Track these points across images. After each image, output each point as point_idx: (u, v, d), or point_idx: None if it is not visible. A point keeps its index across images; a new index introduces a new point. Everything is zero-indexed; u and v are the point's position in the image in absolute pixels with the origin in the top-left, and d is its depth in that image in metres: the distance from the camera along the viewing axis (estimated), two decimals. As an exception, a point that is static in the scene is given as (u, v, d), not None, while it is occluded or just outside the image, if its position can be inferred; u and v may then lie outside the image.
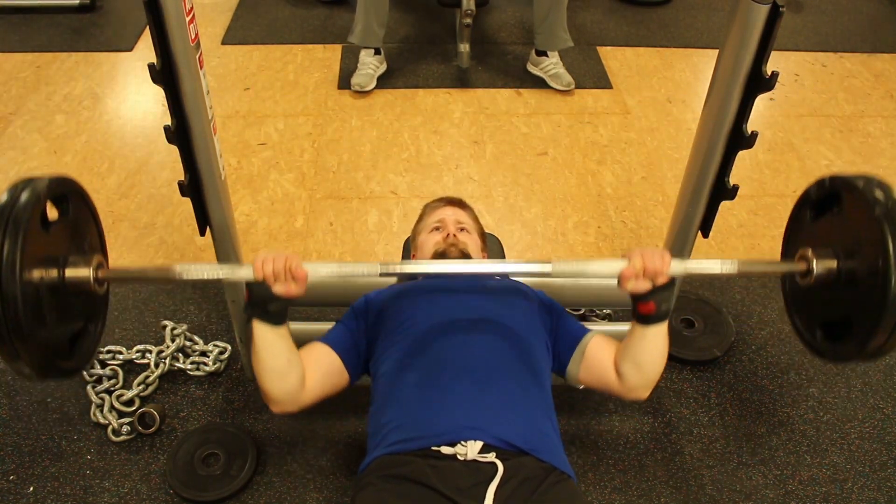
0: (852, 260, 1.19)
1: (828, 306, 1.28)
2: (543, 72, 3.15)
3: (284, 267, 1.18)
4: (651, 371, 1.32)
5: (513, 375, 1.27)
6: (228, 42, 3.38)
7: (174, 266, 1.24)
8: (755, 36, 1.26)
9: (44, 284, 1.07)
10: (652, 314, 1.25)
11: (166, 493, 1.65)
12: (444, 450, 1.14)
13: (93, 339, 1.26)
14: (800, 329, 1.37)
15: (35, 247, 1.05)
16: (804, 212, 1.36)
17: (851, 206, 1.21)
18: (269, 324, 1.23)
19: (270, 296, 1.20)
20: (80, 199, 1.22)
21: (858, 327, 1.18)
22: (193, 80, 1.27)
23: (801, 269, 1.26)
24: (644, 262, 1.21)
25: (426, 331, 1.32)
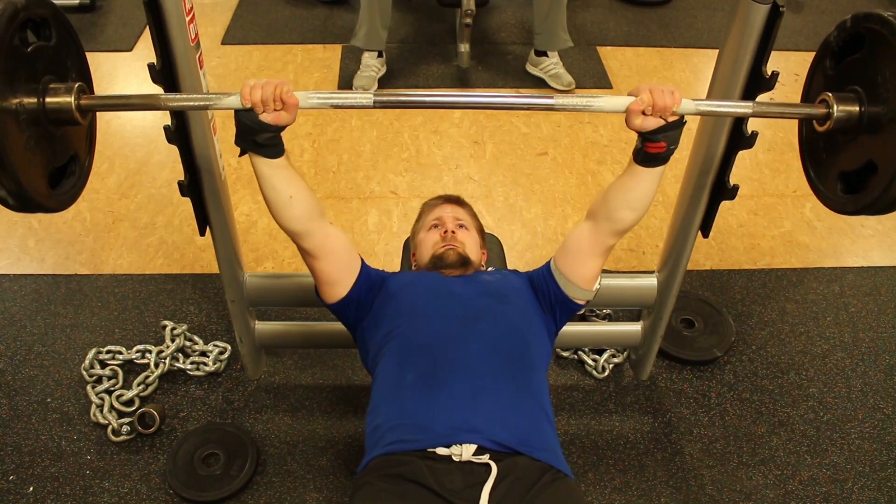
0: (876, 103, 1.12)
1: (847, 154, 1.20)
2: (543, 72, 3.15)
3: (274, 93, 1.11)
4: (645, 208, 1.29)
5: (509, 375, 1.26)
6: (228, 42, 3.38)
7: (158, 94, 1.19)
8: (755, 36, 1.26)
9: (23, 109, 1.01)
10: (660, 153, 1.20)
11: (166, 493, 1.65)
12: (439, 451, 1.15)
13: (78, 178, 1.19)
14: (815, 182, 1.30)
15: (13, 67, 0.99)
16: (824, 61, 1.26)
17: (875, 45, 1.13)
18: (263, 156, 1.20)
19: (259, 124, 1.14)
20: (62, 26, 1.14)
21: (881, 172, 1.11)
22: (193, 80, 1.27)
23: (820, 113, 1.18)
24: (653, 97, 1.13)
25: (424, 330, 1.31)
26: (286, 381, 1.93)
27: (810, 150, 1.32)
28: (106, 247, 2.31)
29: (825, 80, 1.26)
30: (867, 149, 1.15)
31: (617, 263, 2.33)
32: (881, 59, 1.11)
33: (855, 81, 1.17)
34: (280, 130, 1.18)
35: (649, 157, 1.21)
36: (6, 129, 0.96)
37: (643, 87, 1.16)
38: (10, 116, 0.98)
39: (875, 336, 2.12)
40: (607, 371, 1.97)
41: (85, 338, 2.00)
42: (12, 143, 0.98)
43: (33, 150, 1.04)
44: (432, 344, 1.28)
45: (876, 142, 1.13)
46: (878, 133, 1.12)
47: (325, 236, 1.31)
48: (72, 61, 1.17)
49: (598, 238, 1.34)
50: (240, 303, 1.70)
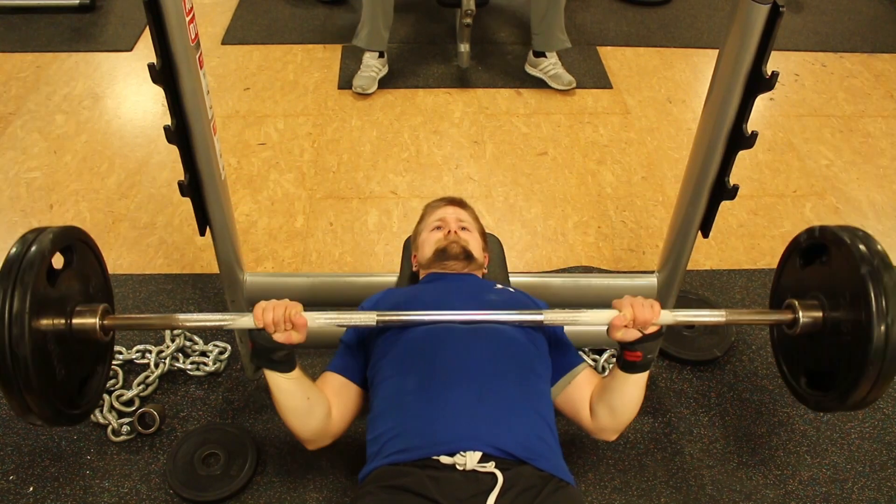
0: (837, 312, 1.24)
1: (814, 355, 1.32)
2: (543, 73, 3.15)
3: (284, 315, 1.20)
4: (623, 417, 1.35)
5: (511, 383, 1.26)
6: (228, 42, 3.38)
7: (177, 315, 1.29)
8: (755, 36, 1.26)
9: (51, 335, 1.10)
10: (638, 362, 1.28)
11: (166, 493, 1.65)
12: (443, 459, 1.14)
13: (99, 383, 1.29)
14: (786, 375, 1.42)
15: (43, 300, 1.08)
16: (793, 258, 1.40)
17: (838, 259, 1.25)
18: (279, 372, 1.25)
19: (273, 344, 1.22)
20: (85, 247, 1.26)
21: (842, 379, 1.22)
22: (193, 80, 1.28)
23: (787, 319, 1.31)
24: (634, 313, 1.23)
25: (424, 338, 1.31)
26: (286, 381, 1.92)
27: (780, 347, 1.45)
28: (106, 247, 2.31)
29: (794, 278, 1.40)
30: (829, 352, 1.26)
31: (617, 263, 2.33)
32: (842, 272, 1.23)
33: (819, 287, 1.30)
34: (293, 348, 1.25)
35: (628, 365, 1.29)
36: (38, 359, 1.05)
37: (625, 301, 1.25)
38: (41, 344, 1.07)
39: (875, 336, 2.12)
40: (607, 371, 1.97)
41: (85, 338, 2.00)
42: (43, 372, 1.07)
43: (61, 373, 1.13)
44: (434, 351, 1.28)
45: (836, 347, 1.24)
46: (838, 338, 1.23)
47: (342, 426, 1.37)
48: (95, 280, 1.28)
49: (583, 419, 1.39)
50: (240, 303, 1.70)
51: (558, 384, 1.40)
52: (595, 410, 1.36)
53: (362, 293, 1.57)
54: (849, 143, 2.90)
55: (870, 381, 1.16)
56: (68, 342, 1.16)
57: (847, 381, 1.20)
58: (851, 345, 1.19)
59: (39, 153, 2.67)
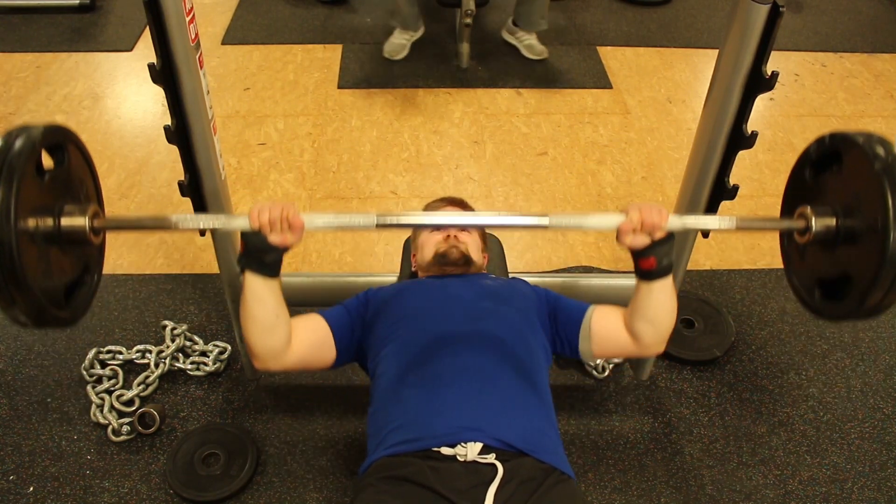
0: (851, 217, 1.18)
1: (826, 264, 1.26)
2: (518, 41, 3.30)
3: (281, 216, 1.17)
4: (665, 325, 1.32)
5: (511, 375, 1.26)
6: (228, 42, 3.38)
7: (170, 216, 1.23)
8: (755, 36, 1.26)
9: (39, 233, 1.06)
10: (653, 269, 1.24)
11: (166, 493, 1.65)
12: (443, 451, 1.14)
13: (89, 289, 1.24)
14: (797, 288, 1.35)
15: (30, 195, 1.03)
16: (804, 170, 1.33)
17: (851, 163, 1.19)
18: (263, 275, 1.22)
19: (266, 245, 1.18)
20: (76, 149, 1.19)
21: (856, 284, 1.16)
22: (193, 80, 1.28)
23: (799, 227, 1.25)
24: (641, 217, 1.20)
25: (425, 331, 1.31)
26: (286, 381, 1.93)
27: (791, 258, 1.39)
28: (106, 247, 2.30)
29: (804, 190, 1.33)
30: (843, 260, 1.21)
31: (617, 263, 2.33)
32: (856, 178, 1.18)
33: (832, 194, 1.24)
34: (285, 251, 1.22)
35: (644, 273, 1.26)
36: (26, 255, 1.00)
37: (632, 206, 1.21)
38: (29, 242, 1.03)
39: (875, 336, 2.12)
40: (607, 371, 1.97)
41: (85, 338, 2.00)
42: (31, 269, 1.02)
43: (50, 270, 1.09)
44: (434, 343, 1.28)
45: (851, 254, 1.19)
46: (853, 246, 1.18)
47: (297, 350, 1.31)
48: (85, 181, 1.23)
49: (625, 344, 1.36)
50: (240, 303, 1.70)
51: (581, 339, 1.38)
52: (636, 331, 1.33)
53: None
54: (849, 143, 2.90)
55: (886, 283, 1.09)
56: (57, 242, 1.10)
57: (862, 287, 1.14)
58: (867, 248, 1.13)
59: (39, 153, 2.67)
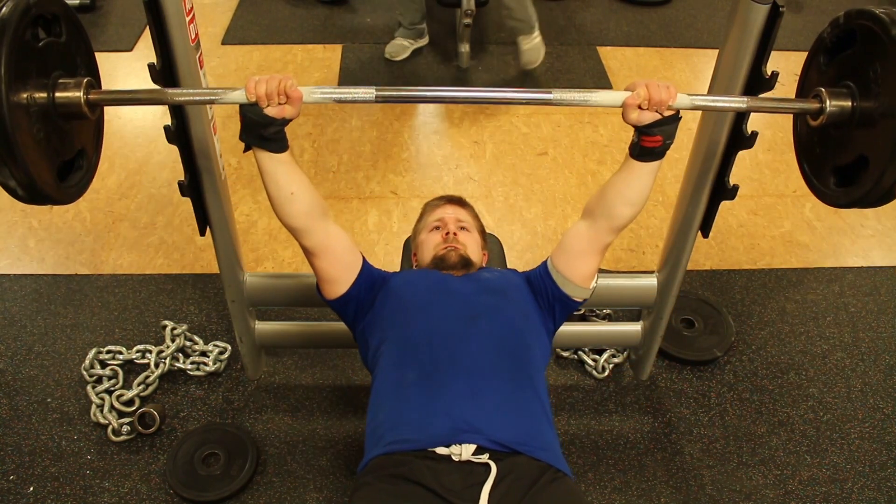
0: (868, 98, 1.14)
1: (840, 148, 1.22)
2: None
3: (278, 87, 1.13)
4: (642, 204, 1.30)
5: (508, 374, 1.27)
6: (228, 42, 3.38)
7: (166, 89, 1.20)
8: (755, 36, 1.26)
9: (33, 103, 1.03)
10: (657, 147, 1.21)
11: (166, 493, 1.65)
12: (439, 450, 1.15)
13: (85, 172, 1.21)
14: (809, 175, 1.32)
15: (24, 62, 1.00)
16: (818, 56, 1.28)
17: (867, 42, 1.15)
18: (268, 150, 1.21)
19: (264, 118, 1.15)
20: (71, 23, 1.15)
21: (873, 166, 1.12)
22: (193, 80, 1.28)
23: (813, 108, 1.20)
24: (649, 92, 1.16)
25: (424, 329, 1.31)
26: (286, 381, 1.93)
27: (804, 144, 1.34)
28: (106, 247, 2.31)
29: (819, 76, 1.27)
30: (859, 143, 1.17)
31: (617, 263, 2.33)
32: (873, 55, 1.13)
33: (848, 77, 1.19)
34: (285, 124, 1.19)
35: (645, 152, 1.23)
36: (17, 122, 0.97)
37: (639, 82, 1.17)
38: (21, 110, 0.99)
39: (875, 336, 2.12)
40: (607, 371, 1.97)
41: (85, 338, 2.00)
42: (23, 137, 0.99)
43: (43, 143, 1.06)
44: (432, 342, 1.29)
45: (868, 136, 1.14)
46: (869, 128, 1.14)
47: (325, 235, 1.31)
48: (81, 58, 1.18)
49: (595, 235, 1.34)
50: (240, 303, 1.70)
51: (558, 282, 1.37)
52: (615, 215, 1.31)
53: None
54: (849, 143, 2.90)
55: None
56: (51, 116, 1.08)
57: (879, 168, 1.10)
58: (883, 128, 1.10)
59: (39, 153, 2.67)
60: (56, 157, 1.11)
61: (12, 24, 0.96)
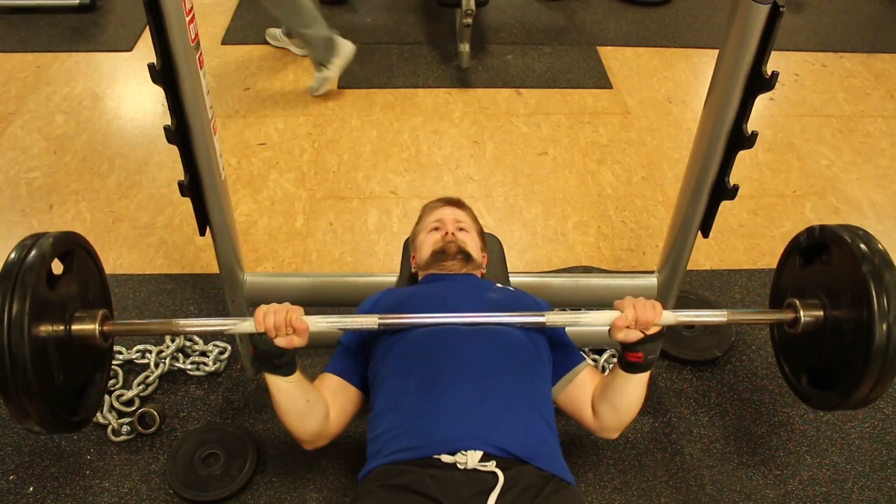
0: (838, 311, 1.24)
1: (815, 354, 1.32)
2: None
3: (285, 320, 1.20)
4: (626, 415, 1.35)
5: (512, 382, 1.26)
6: (228, 42, 3.38)
7: (178, 320, 1.28)
8: (755, 36, 1.26)
9: (51, 341, 1.10)
10: (639, 363, 1.28)
11: (166, 493, 1.65)
12: (444, 458, 1.14)
13: (98, 389, 1.28)
14: (788, 375, 1.42)
15: (42, 305, 1.07)
16: (793, 258, 1.40)
17: (839, 258, 1.25)
18: (279, 375, 1.25)
19: (275, 349, 1.22)
20: (84, 252, 1.25)
21: (843, 378, 1.22)
22: (193, 80, 1.28)
23: (788, 319, 1.31)
24: (636, 314, 1.23)
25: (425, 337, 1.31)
26: (286, 381, 1.92)
27: (781, 346, 1.45)
28: (106, 247, 2.31)
29: (794, 278, 1.39)
30: (832, 351, 1.26)
31: (617, 263, 2.33)
32: (842, 270, 1.23)
33: (819, 286, 1.30)
34: (294, 353, 1.25)
35: (630, 365, 1.29)
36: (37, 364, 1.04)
37: (627, 302, 1.25)
38: (40, 350, 1.06)
39: (875, 336, 2.12)
40: (607, 371, 1.96)
41: (85, 338, 2.00)
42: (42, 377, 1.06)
43: (60, 374, 1.12)
44: (435, 350, 1.28)
45: (839, 345, 1.24)
46: (840, 336, 1.23)
47: (339, 427, 1.37)
48: (94, 286, 1.27)
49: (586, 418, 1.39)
50: (240, 303, 1.70)
51: (560, 383, 1.40)
52: (598, 409, 1.36)
53: (362, 293, 1.57)
54: (849, 143, 2.90)
55: (872, 379, 1.16)
56: (67, 348, 1.15)
57: (849, 380, 1.20)
58: (853, 343, 1.19)
59: (39, 153, 2.67)
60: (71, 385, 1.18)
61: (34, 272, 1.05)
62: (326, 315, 1.26)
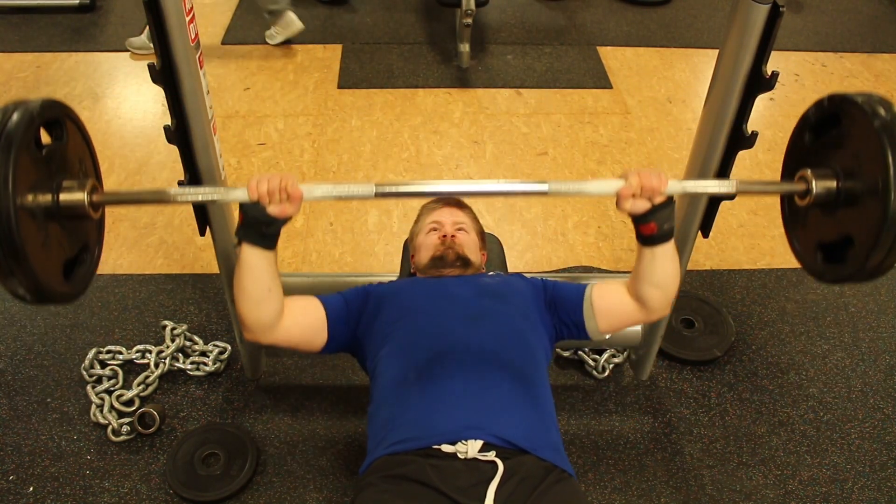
0: (852, 179, 1.17)
1: (827, 227, 1.25)
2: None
3: (280, 186, 1.15)
4: (671, 288, 1.32)
5: (512, 373, 1.27)
6: (228, 42, 3.38)
7: (169, 189, 1.22)
8: (755, 36, 1.26)
9: (39, 207, 1.05)
10: (654, 234, 1.24)
11: (166, 493, 1.65)
12: (444, 448, 1.14)
13: (89, 266, 1.23)
14: (799, 251, 1.35)
15: (29, 169, 1.02)
16: (803, 135, 1.32)
17: (850, 125, 1.18)
18: (261, 247, 1.22)
19: (266, 217, 1.17)
20: (74, 125, 1.18)
21: (858, 246, 1.16)
22: (193, 80, 1.27)
23: (800, 189, 1.24)
24: (641, 181, 1.19)
25: (424, 330, 1.31)
26: (286, 381, 1.93)
27: (792, 221, 1.39)
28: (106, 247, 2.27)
29: (804, 153, 1.32)
30: (844, 223, 1.21)
31: (617, 263, 2.33)
32: (855, 138, 1.17)
33: (832, 157, 1.24)
34: (284, 223, 1.21)
35: (646, 239, 1.26)
36: (24, 230, 1.00)
37: (631, 171, 1.21)
38: (28, 217, 1.02)
39: (875, 336, 2.12)
40: (607, 371, 1.97)
41: (85, 338, 2.00)
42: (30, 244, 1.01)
43: (49, 246, 1.08)
44: (434, 341, 1.28)
45: (852, 216, 1.19)
46: (854, 207, 1.18)
47: (288, 325, 1.31)
48: (83, 158, 1.22)
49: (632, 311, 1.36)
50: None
51: (586, 317, 1.38)
52: (644, 296, 1.33)
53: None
54: (849, 143, 2.90)
55: (888, 243, 1.09)
56: (55, 217, 1.10)
57: (864, 248, 1.13)
58: (867, 209, 1.13)
59: (39, 153, 2.67)
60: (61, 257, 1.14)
61: (19, 134, 0.99)
62: (322, 184, 1.21)
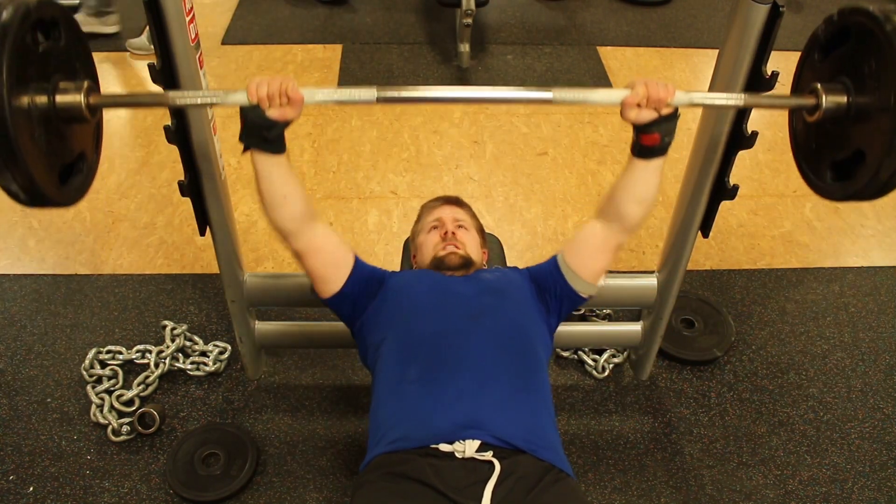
0: (862, 93, 1.15)
1: (837, 143, 1.22)
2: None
3: (279, 89, 1.13)
4: (651, 203, 1.33)
5: (511, 372, 1.27)
6: (228, 42, 3.38)
7: (167, 92, 1.20)
8: (755, 36, 1.26)
9: (35, 106, 1.03)
10: (656, 146, 1.23)
11: (166, 493, 1.65)
12: (442, 447, 1.15)
13: (86, 176, 1.22)
14: (805, 169, 1.32)
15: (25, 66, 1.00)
16: (813, 53, 1.29)
17: (861, 37, 1.15)
18: (267, 152, 1.21)
19: (265, 120, 1.16)
20: (69, 27, 1.15)
21: (868, 160, 1.13)
22: (193, 80, 1.28)
23: (810, 104, 1.21)
24: (648, 91, 1.17)
25: (425, 327, 1.31)
26: (286, 381, 1.93)
27: (801, 140, 1.35)
28: (106, 247, 2.31)
29: (813, 73, 1.28)
30: (855, 138, 1.17)
31: (617, 263, 2.32)
32: (867, 51, 1.13)
33: (842, 73, 1.19)
34: (286, 126, 1.20)
35: (645, 150, 1.24)
36: (19, 126, 0.98)
37: (638, 80, 1.19)
38: (23, 114, 1.00)
39: (875, 336, 2.12)
40: (607, 371, 1.97)
41: (85, 338, 2.00)
42: (24, 141, 0.99)
43: (44, 147, 1.06)
44: (435, 340, 1.29)
45: (863, 131, 1.15)
46: (865, 122, 1.15)
47: (313, 235, 1.31)
48: (80, 61, 1.18)
49: (609, 234, 1.37)
50: (240, 303, 1.70)
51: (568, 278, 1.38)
52: (622, 214, 1.33)
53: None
54: (849, 143, 2.90)
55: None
56: (52, 120, 1.08)
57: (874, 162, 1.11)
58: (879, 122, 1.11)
59: (39, 153, 2.67)
60: (57, 160, 1.11)
61: (13, 28, 0.96)
62: (323, 88, 1.19)
